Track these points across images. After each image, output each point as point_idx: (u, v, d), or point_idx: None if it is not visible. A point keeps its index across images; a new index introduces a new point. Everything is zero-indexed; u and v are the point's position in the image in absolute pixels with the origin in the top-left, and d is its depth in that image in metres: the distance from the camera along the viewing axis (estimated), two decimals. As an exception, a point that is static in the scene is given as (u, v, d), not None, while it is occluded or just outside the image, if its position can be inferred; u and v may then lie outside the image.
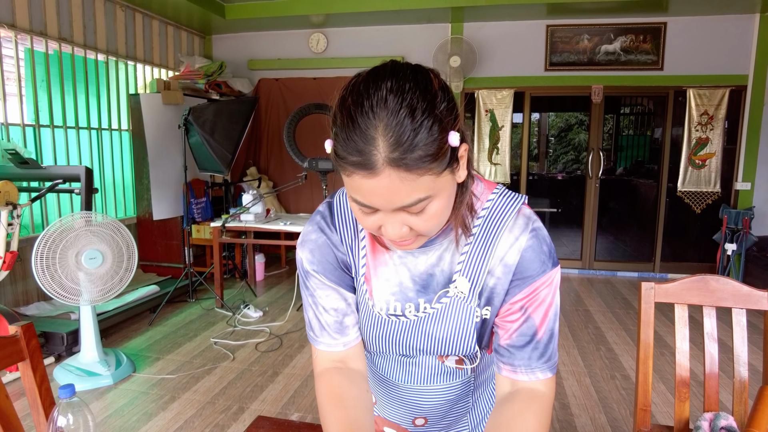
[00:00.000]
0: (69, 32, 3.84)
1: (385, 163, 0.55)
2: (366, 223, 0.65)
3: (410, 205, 0.60)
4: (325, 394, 0.77)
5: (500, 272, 0.74)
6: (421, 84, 0.58)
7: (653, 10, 4.65)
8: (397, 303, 0.78)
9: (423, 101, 0.56)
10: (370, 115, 0.56)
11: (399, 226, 0.63)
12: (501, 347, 0.76)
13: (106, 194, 4.38)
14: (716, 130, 4.81)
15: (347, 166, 0.58)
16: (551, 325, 0.75)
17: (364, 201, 0.61)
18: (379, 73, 0.59)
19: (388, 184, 0.57)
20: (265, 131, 5.64)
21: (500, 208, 0.74)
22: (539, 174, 5.85)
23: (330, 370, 0.80)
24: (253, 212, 3.91)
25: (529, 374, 0.74)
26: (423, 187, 0.58)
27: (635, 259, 5.34)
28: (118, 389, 2.65)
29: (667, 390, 2.68)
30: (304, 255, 0.80)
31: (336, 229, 0.79)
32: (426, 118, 0.56)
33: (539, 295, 0.73)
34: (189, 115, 3.80)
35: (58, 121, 3.82)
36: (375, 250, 0.79)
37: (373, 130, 0.55)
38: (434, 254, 0.76)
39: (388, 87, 0.56)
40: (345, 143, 0.57)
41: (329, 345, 0.81)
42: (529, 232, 0.73)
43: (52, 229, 2.53)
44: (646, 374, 1.47)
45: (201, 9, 4.61)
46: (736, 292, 1.43)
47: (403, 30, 5.19)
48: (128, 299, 3.65)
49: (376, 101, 0.56)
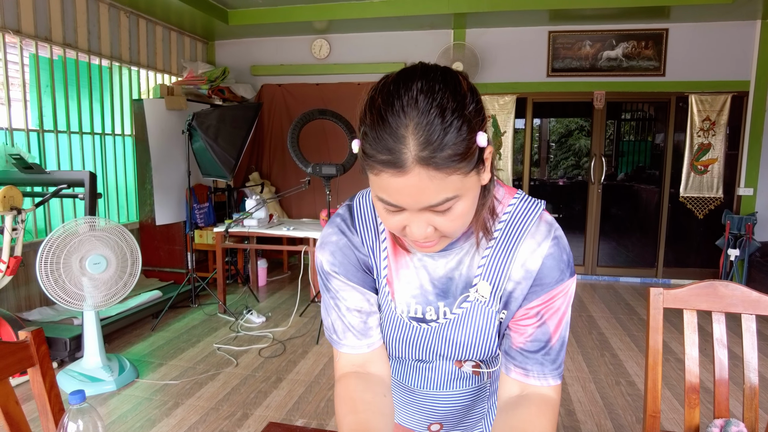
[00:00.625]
0: (73, 38, 3.86)
1: (415, 162, 0.56)
2: (391, 223, 0.65)
3: (437, 204, 0.60)
4: (340, 398, 0.77)
5: (520, 277, 0.74)
6: (450, 85, 0.59)
7: (655, 17, 4.67)
8: (418, 306, 0.78)
9: (453, 101, 0.57)
10: (401, 115, 0.56)
11: (424, 226, 0.63)
12: (513, 350, 0.76)
13: (109, 199, 4.38)
14: (718, 135, 4.82)
15: (376, 165, 0.59)
16: (563, 333, 0.76)
17: (391, 200, 0.61)
18: (409, 73, 0.60)
19: (417, 183, 0.57)
20: (268, 137, 5.65)
21: (522, 213, 0.75)
22: (540, 179, 5.86)
23: (349, 374, 0.80)
24: (256, 217, 3.91)
25: (541, 380, 0.74)
26: (451, 186, 0.59)
27: (638, 264, 5.33)
28: (122, 395, 2.63)
29: (672, 396, 2.67)
30: (324, 257, 0.80)
31: (357, 231, 0.79)
32: (456, 118, 0.57)
33: (555, 302, 0.74)
34: (193, 120, 3.81)
35: (62, 126, 3.82)
36: (396, 252, 0.78)
37: (404, 129, 0.56)
38: (454, 258, 0.76)
39: (419, 87, 0.57)
40: (375, 142, 0.58)
41: (353, 347, 0.80)
42: (552, 240, 0.73)
43: (56, 234, 2.53)
44: (656, 380, 1.46)
45: (204, 15, 4.63)
46: (746, 298, 1.43)
47: (405, 36, 5.21)
48: (131, 304, 3.64)
49: (407, 101, 0.57)
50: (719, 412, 1.41)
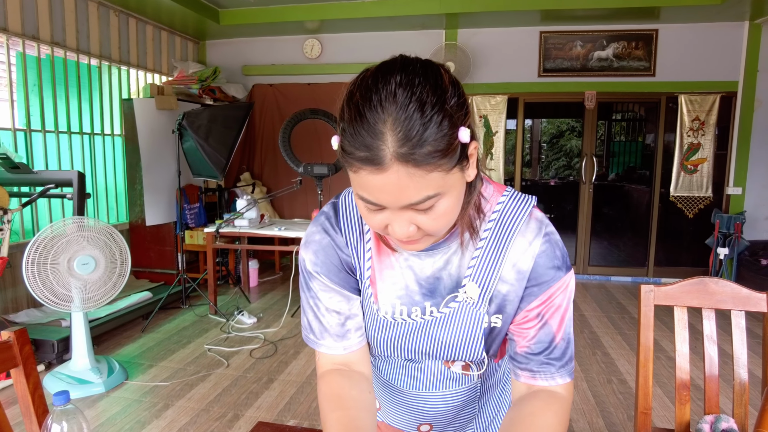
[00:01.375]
0: (62, 36, 3.82)
1: (393, 159, 0.54)
2: (372, 222, 0.63)
3: (418, 202, 0.58)
4: (324, 395, 0.75)
5: (513, 278, 0.72)
6: (431, 78, 0.56)
7: (645, 18, 4.70)
8: (403, 307, 0.76)
9: (433, 96, 0.55)
10: (379, 110, 0.54)
11: (406, 225, 0.61)
12: (518, 354, 0.75)
13: (98, 200, 4.33)
14: (707, 135, 4.86)
15: (354, 162, 0.57)
16: (568, 329, 0.74)
17: (371, 198, 0.59)
18: (388, 67, 0.58)
19: (396, 181, 0.55)
20: (259, 137, 5.62)
21: (511, 211, 0.73)
22: (532, 180, 5.88)
23: (332, 371, 0.79)
24: (247, 218, 3.88)
25: (549, 380, 0.73)
26: (432, 184, 0.57)
27: (629, 263, 5.36)
28: (111, 397, 2.60)
29: (663, 394, 2.68)
30: (307, 256, 0.78)
31: (341, 231, 0.77)
32: (436, 112, 0.54)
33: (555, 301, 0.72)
34: (183, 120, 3.78)
35: (50, 125, 3.78)
36: (380, 252, 0.77)
37: (382, 124, 0.54)
38: (442, 258, 0.74)
39: (398, 81, 0.55)
40: (352, 138, 0.56)
41: (330, 348, 0.79)
42: (543, 237, 0.72)
43: (44, 235, 2.50)
44: (647, 377, 1.46)
45: (195, 14, 4.60)
46: (735, 295, 1.44)
47: (397, 36, 5.21)
48: (120, 306, 3.60)
49: (385, 95, 0.54)
50: (709, 408, 1.41)
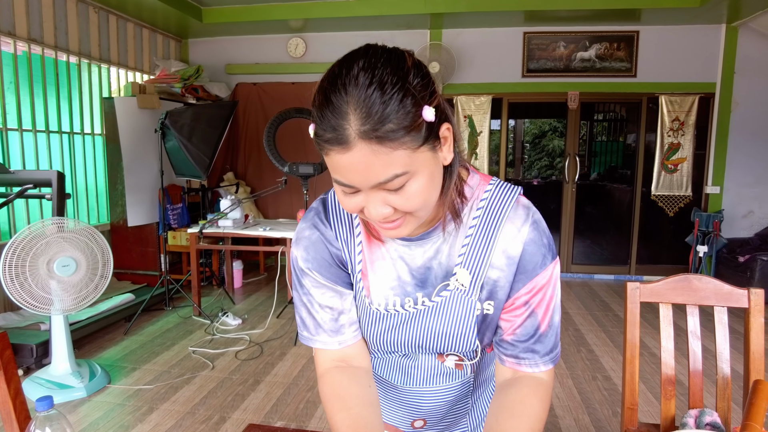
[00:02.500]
0: (39, 33, 3.73)
1: (357, 136, 0.56)
2: (349, 205, 0.65)
3: (387, 181, 0.59)
4: (326, 396, 0.76)
5: (504, 264, 0.74)
6: (392, 61, 0.59)
7: (626, 19, 4.77)
8: (396, 298, 0.77)
9: (393, 76, 0.57)
10: (342, 92, 0.57)
11: (381, 205, 0.62)
12: (504, 341, 0.77)
13: (78, 200, 4.24)
14: (687, 135, 4.96)
15: (324, 144, 0.59)
16: (554, 318, 0.76)
17: (343, 179, 0.61)
18: (353, 54, 0.61)
19: (362, 158, 0.57)
20: (243, 136, 5.57)
21: (499, 199, 0.74)
22: (515, 180, 5.93)
23: (331, 370, 0.79)
24: (231, 218, 3.84)
25: (533, 367, 0.76)
26: (398, 162, 0.58)
27: (612, 262, 5.44)
28: (93, 402, 2.55)
29: (647, 389, 2.73)
30: (298, 253, 0.79)
31: (330, 225, 0.78)
32: (396, 91, 0.56)
33: (541, 288, 0.74)
34: (166, 119, 3.72)
35: (27, 124, 3.69)
36: (371, 244, 0.77)
37: (345, 105, 0.56)
38: (432, 247, 0.75)
39: (360, 66, 0.58)
40: (321, 121, 0.59)
41: (326, 343, 0.79)
42: (531, 224, 0.74)
43: (21, 236, 2.44)
44: (633, 374, 1.48)
45: (178, 12, 4.54)
46: (718, 291, 1.47)
47: (382, 36, 5.20)
48: (102, 308, 3.53)
49: (348, 79, 0.57)
50: (694, 402, 1.44)
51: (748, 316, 1.45)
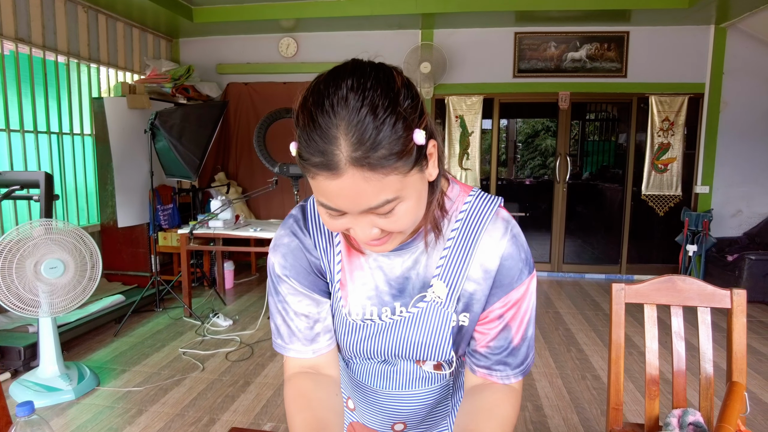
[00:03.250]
0: (27, 32, 3.70)
1: (348, 163, 0.54)
2: (333, 226, 0.64)
3: (377, 206, 0.58)
4: (291, 397, 0.75)
5: (480, 277, 0.74)
6: (383, 82, 0.56)
7: (616, 20, 4.80)
8: (374, 308, 0.77)
9: (385, 99, 0.55)
10: (331, 114, 0.54)
11: (368, 228, 0.61)
12: (477, 352, 0.77)
13: (68, 201, 4.21)
14: (677, 135, 4.99)
15: (311, 168, 0.56)
16: (528, 332, 0.76)
17: (330, 204, 0.59)
18: (339, 71, 0.58)
19: (352, 185, 0.55)
20: (234, 136, 5.55)
21: (478, 211, 0.74)
22: (508, 179, 5.95)
23: (299, 374, 0.78)
24: (222, 219, 3.83)
25: (503, 380, 0.76)
26: (389, 187, 0.57)
27: (602, 261, 5.47)
28: (81, 404, 2.53)
29: (635, 389, 2.75)
30: (276, 259, 0.78)
31: (310, 233, 0.77)
32: (388, 115, 0.54)
33: (517, 302, 0.74)
34: (156, 119, 3.70)
35: (15, 125, 3.65)
36: (350, 254, 0.77)
37: (335, 129, 0.54)
38: (410, 257, 0.75)
39: (349, 85, 0.55)
40: (307, 144, 0.56)
41: (299, 352, 0.78)
42: (509, 239, 0.73)
43: (8, 238, 2.42)
44: (618, 374, 1.49)
45: (168, 12, 4.51)
46: (702, 292, 1.48)
47: (374, 36, 5.20)
48: (92, 310, 3.51)
49: (337, 100, 0.54)
50: (677, 402, 1.45)
51: (731, 316, 1.46)
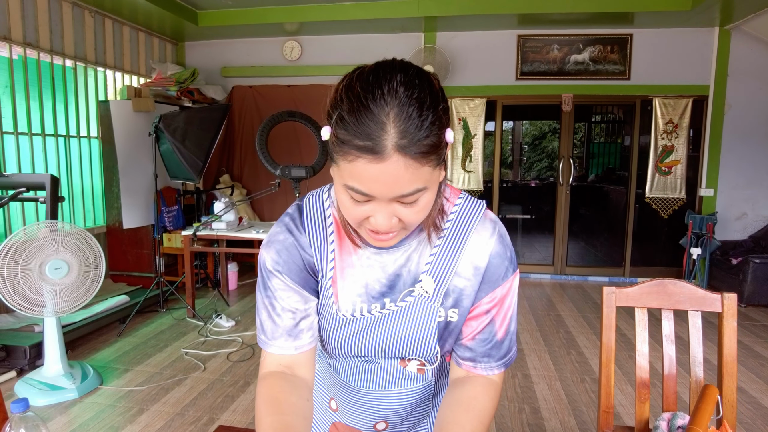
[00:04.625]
0: (35, 37, 3.76)
1: (394, 149, 0.58)
2: (355, 213, 0.66)
3: (408, 194, 0.62)
4: (263, 397, 0.76)
5: (470, 274, 0.78)
6: (426, 82, 0.62)
7: (619, 22, 4.79)
8: (363, 304, 0.79)
9: (429, 97, 0.60)
10: (382, 102, 0.58)
11: (390, 216, 0.65)
12: (463, 345, 0.81)
13: (74, 203, 4.28)
14: (681, 138, 4.97)
15: (352, 150, 0.59)
16: (511, 326, 0.82)
17: (363, 188, 0.62)
18: (387, 66, 0.63)
19: (394, 170, 0.59)
20: (239, 138, 5.59)
21: (467, 212, 0.79)
22: (512, 181, 5.95)
23: (274, 373, 0.79)
24: (225, 220, 3.87)
25: (487, 371, 0.81)
26: (421, 177, 0.61)
27: (606, 264, 5.46)
28: (84, 403, 2.58)
29: (634, 391, 2.74)
30: (269, 255, 0.80)
31: (305, 231, 0.80)
32: (431, 112, 0.60)
33: (502, 298, 0.79)
34: (159, 122, 3.75)
35: (22, 128, 3.72)
36: (342, 252, 0.79)
37: (385, 116, 0.58)
38: (403, 255, 0.78)
39: (399, 79, 0.60)
40: (353, 127, 0.59)
41: (281, 348, 0.80)
42: (497, 238, 0.78)
43: (14, 239, 2.46)
44: (609, 377, 1.50)
45: (173, 16, 4.57)
46: (692, 295, 1.49)
47: (376, 39, 5.23)
48: (96, 310, 3.56)
49: (387, 90, 0.59)
50: (668, 405, 1.46)
51: (722, 320, 1.47)
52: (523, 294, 4.78)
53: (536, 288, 5.02)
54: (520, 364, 3.11)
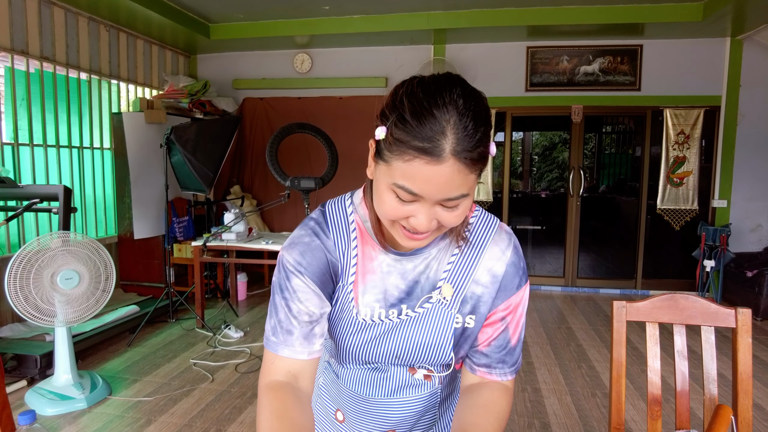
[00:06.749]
0: (51, 51, 3.84)
1: (450, 154, 0.62)
2: (396, 212, 0.68)
3: (455, 198, 0.66)
4: (275, 412, 0.74)
5: (488, 281, 0.82)
6: (479, 98, 0.67)
7: (629, 33, 4.78)
8: (381, 309, 0.81)
9: (483, 111, 0.66)
10: (444, 109, 0.62)
11: (431, 218, 0.68)
12: (478, 352, 0.85)
13: (86, 213, 4.33)
14: (692, 148, 4.92)
15: (409, 150, 0.63)
16: (522, 333, 0.86)
17: (414, 188, 0.64)
18: (447, 79, 0.67)
19: (448, 174, 0.63)
20: (250, 150, 5.64)
21: (484, 223, 0.84)
22: (523, 192, 5.92)
23: (284, 385, 0.78)
24: (235, 231, 3.89)
25: (501, 376, 0.85)
26: (468, 183, 0.65)
27: (617, 276, 5.39)
28: (93, 413, 2.58)
29: (646, 406, 2.69)
30: (292, 256, 0.79)
31: (330, 235, 0.81)
32: (484, 125, 0.65)
33: (515, 306, 0.83)
34: (171, 134, 3.80)
35: (38, 139, 3.79)
36: (364, 257, 0.81)
37: (445, 122, 0.62)
38: (423, 262, 0.81)
39: (458, 92, 0.64)
40: (415, 128, 0.62)
41: (295, 352, 0.79)
42: (512, 249, 0.83)
43: (27, 249, 2.50)
44: (620, 393, 1.48)
45: (186, 29, 4.64)
46: (705, 310, 1.46)
47: (386, 51, 5.27)
48: (107, 320, 3.58)
49: (449, 99, 0.63)
50: (680, 423, 1.43)
51: (736, 335, 1.44)
52: (533, 306, 4.74)
53: (547, 300, 4.96)
54: (530, 378, 3.07)
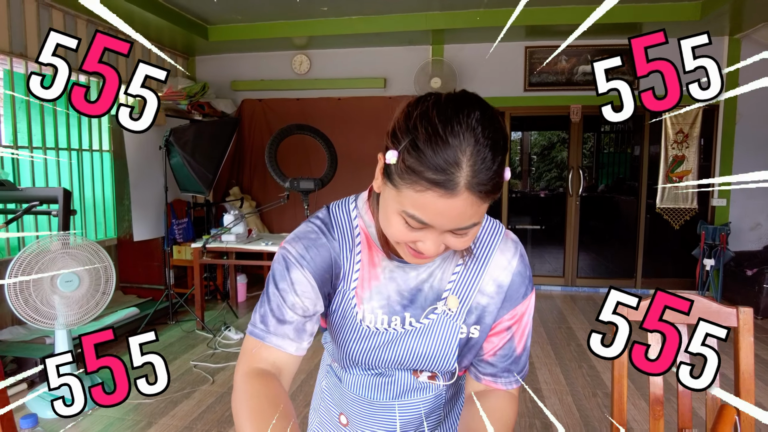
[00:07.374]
0: (49, 54, 3.83)
1: (465, 187, 0.58)
2: (405, 237, 0.66)
3: (466, 228, 0.63)
4: (268, 397, 0.69)
5: (493, 292, 0.80)
6: (497, 123, 0.62)
7: (627, 33, 4.78)
8: (384, 316, 0.80)
9: (501, 139, 0.61)
10: (461, 138, 0.58)
11: (439, 244, 0.66)
12: (483, 361, 0.83)
13: (86, 215, 4.32)
14: (692, 147, 4.93)
15: (423, 182, 0.59)
16: (527, 341, 0.85)
17: (425, 218, 0.62)
18: (466, 100, 0.62)
19: (461, 207, 0.60)
20: (249, 151, 5.64)
21: (489, 230, 0.82)
22: (522, 192, 5.93)
23: (267, 371, 0.74)
24: (235, 232, 3.88)
25: (507, 386, 0.83)
26: (481, 213, 0.63)
27: (617, 275, 5.39)
28: (93, 415, 2.58)
29: (648, 406, 2.69)
30: (295, 249, 0.77)
31: (336, 237, 0.79)
32: (501, 154, 0.61)
33: (521, 316, 0.82)
34: (170, 136, 3.80)
35: (37, 142, 3.78)
36: (368, 263, 0.80)
37: (461, 153, 0.58)
38: (426, 271, 0.79)
39: (477, 117, 0.60)
40: (429, 159, 0.58)
41: (283, 344, 0.75)
42: (519, 258, 0.81)
43: (27, 251, 2.49)
44: (621, 393, 1.47)
45: (184, 31, 4.64)
46: (706, 309, 1.45)
47: (385, 52, 5.27)
48: (107, 322, 3.58)
49: (466, 127, 0.59)
50: (683, 423, 1.43)
51: (737, 335, 1.44)
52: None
53: (547, 300, 4.97)
54: (531, 378, 3.07)
